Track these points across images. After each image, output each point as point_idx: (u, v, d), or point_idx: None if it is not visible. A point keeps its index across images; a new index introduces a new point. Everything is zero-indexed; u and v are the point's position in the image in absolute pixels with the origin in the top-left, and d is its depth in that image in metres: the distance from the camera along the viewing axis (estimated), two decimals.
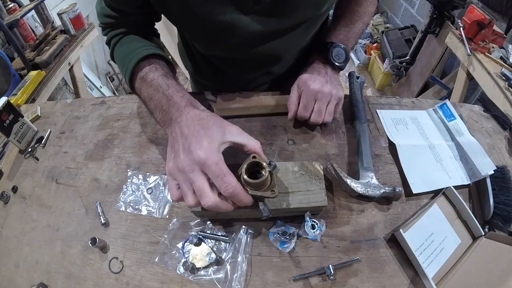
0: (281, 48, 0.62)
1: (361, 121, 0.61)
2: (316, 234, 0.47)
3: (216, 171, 0.37)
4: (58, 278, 0.48)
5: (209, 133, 0.40)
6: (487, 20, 1.20)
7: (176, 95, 0.46)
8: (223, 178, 0.37)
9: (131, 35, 0.57)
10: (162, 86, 0.48)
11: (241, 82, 0.74)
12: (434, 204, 0.51)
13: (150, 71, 0.50)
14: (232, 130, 0.42)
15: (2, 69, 1.06)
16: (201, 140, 0.39)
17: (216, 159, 0.38)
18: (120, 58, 0.56)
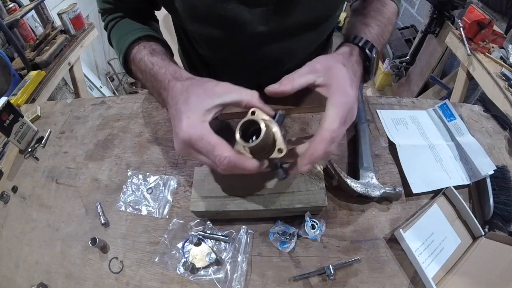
0: (285, 52, 0.59)
1: (361, 121, 0.61)
2: (316, 234, 0.47)
3: (204, 146, 0.35)
4: (58, 278, 0.48)
5: (188, 107, 0.37)
6: (487, 20, 1.19)
7: (159, 73, 0.43)
8: (213, 152, 0.34)
9: (127, 18, 0.55)
10: (148, 66, 0.45)
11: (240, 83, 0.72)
12: (434, 204, 0.51)
13: (137, 52, 0.48)
14: (217, 90, 0.37)
15: (2, 69, 1.06)
16: (182, 117, 0.36)
17: (199, 134, 0.35)
18: (116, 41, 0.54)
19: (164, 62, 0.45)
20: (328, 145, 0.35)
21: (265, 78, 0.66)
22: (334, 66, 0.40)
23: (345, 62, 0.42)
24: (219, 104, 0.37)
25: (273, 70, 0.65)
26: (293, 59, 0.63)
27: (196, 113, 0.36)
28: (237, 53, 0.60)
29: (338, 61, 0.41)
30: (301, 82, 0.39)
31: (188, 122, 0.36)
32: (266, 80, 0.67)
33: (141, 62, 0.47)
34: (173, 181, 0.56)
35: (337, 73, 0.40)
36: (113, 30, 0.56)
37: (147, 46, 0.48)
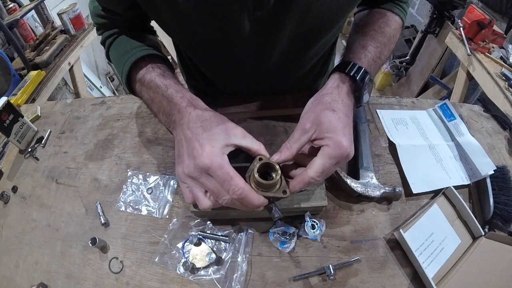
0: (284, 63, 0.57)
1: (361, 121, 0.61)
2: (316, 234, 0.47)
3: (222, 175, 0.37)
4: (58, 278, 0.48)
5: (212, 136, 0.39)
6: (487, 20, 1.20)
7: (176, 96, 0.45)
8: (230, 181, 0.36)
9: (124, 35, 0.54)
10: (160, 87, 0.46)
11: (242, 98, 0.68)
12: (434, 204, 0.51)
13: (146, 73, 0.49)
14: (236, 133, 0.41)
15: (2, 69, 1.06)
16: (204, 144, 0.38)
17: (220, 163, 0.37)
18: (115, 60, 0.55)
19: (179, 87, 0.46)
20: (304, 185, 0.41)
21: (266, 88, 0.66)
22: (324, 118, 0.41)
23: (334, 104, 0.43)
24: (236, 144, 0.40)
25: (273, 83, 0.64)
26: (293, 70, 0.62)
27: (219, 144, 0.38)
28: (233, 65, 0.58)
29: (326, 108, 0.42)
30: (298, 146, 0.42)
31: (212, 150, 0.37)
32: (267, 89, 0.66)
33: (151, 83, 0.47)
34: (173, 181, 0.56)
35: (329, 125, 0.41)
36: (111, 47, 0.55)
37: (155, 68, 0.49)
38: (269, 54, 0.53)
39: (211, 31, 0.47)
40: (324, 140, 0.41)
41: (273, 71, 0.59)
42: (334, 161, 0.40)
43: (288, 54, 0.54)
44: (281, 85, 0.66)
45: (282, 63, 0.57)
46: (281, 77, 0.62)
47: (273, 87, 0.67)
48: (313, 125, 0.42)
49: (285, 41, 0.50)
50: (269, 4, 0.42)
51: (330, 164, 0.40)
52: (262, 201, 0.39)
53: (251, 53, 0.53)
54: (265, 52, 0.53)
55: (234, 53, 0.53)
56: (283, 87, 0.67)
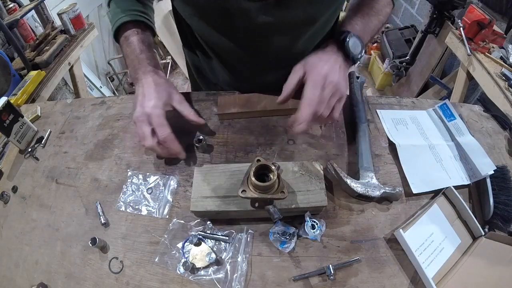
0: (286, 47, 0.61)
1: (361, 121, 0.61)
2: (316, 234, 0.47)
3: (157, 122, 0.51)
4: (58, 278, 0.48)
5: (158, 95, 0.53)
6: (487, 20, 1.20)
7: (145, 61, 0.56)
8: (160, 127, 0.51)
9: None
10: (136, 49, 0.57)
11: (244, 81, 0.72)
12: (434, 204, 0.51)
13: (131, 34, 0.59)
14: (176, 98, 0.56)
15: (2, 69, 1.06)
16: (151, 98, 0.53)
17: (158, 113, 0.51)
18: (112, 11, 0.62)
19: (151, 54, 0.59)
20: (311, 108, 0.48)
21: (269, 76, 0.68)
22: (307, 60, 0.53)
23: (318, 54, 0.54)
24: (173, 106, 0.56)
25: (276, 66, 0.66)
26: (294, 54, 0.63)
27: (162, 101, 0.53)
28: (238, 48, 0.62)
29: (311, 56, 0.54)
30: (291, 84, 0.53)
31: (155, 103, 0.52)
32: (269, 78, 0.68)
33: (132, 44, 0.58)
34: (173, 181, 0.56)
35: (309, 61, 0.53)
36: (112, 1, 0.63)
37: (140, 33, 0.59)
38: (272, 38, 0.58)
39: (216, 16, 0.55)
40: (307, 73, 0.51)
41: (274, 52, 0.62)
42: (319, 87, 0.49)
43: (291, 39, 0.60)
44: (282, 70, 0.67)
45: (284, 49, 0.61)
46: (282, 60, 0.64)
47: (274, 74, 0.68)
48: (301, 66, 0.53)
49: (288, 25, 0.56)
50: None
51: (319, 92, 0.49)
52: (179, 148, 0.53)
53: (255, 38, 0.58)
54: (268, 36, 0.58)
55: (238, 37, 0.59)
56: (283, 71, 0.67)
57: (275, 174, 0.42)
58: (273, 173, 0.42)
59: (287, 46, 0.61)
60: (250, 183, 0.42)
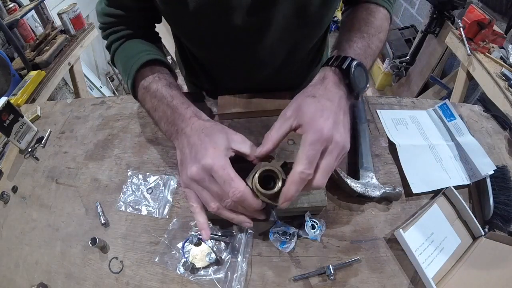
0: (276, 51, 0.58)
1: (361, 121, 0.61)
2: (316, 234, 0.47)
3: (223, 176, 0.37)
4: (58, 278, 0.48)
5: (213, 139, 0.40)
6: (487, 20, 1.20)
7: (181, 107, 0.46)
8: (230, 183, 0.37)
9: (132, 40, 0.56)
10: (166, 97, 0.47)
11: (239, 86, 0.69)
12: (434, 204, 0.51)
13: (153, 81, 0.50)
14: (236, 139, 0.42)
15: (2, 69, 1.06)
16: (207, 146, 0.39)
17: (223, 164, 0.38)
18: (122, 63, 0.55)
19: (184, 99, 0.48)
20: (298, 185, 0.37)
21: (260, 79, 0.66)
22: (302, 104, 0.41)
23: (315, 92, 0.42)
24: (235, 149, 0.42)
25: (267, 72, 0.64)
26: (286, 60, 0.62)
27: (221, 147, 0.40)
28: (230, 53, 0.59)
29: (307, 96, 0.42)
30: (279, 135, 0.41)
31: (214, 151, 0.39)
32: (261, 81, 0.67)
33: (157, 92, 0.49)
34: (173, 181, 0.56)
35: (306, 110, 0.40)
36: (118, 51, 0.57)
37: (162, 78, 0.50)
38: (265, 34, 0.54)
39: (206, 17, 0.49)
40: (302, 128, 0.39)
41: (268, 56, 0.59)
42: (318, 147, 0.37)
43: (283, 34, 0.55)
44: (276, 75, 0.67)
45: (277, 46, 0.57)
46: (276, 64, 0.63)
47: (269, 78, 0.67)
48: (293, 113, 0.41)
49: (280, 19, 0.51)
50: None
51: (314, 151, 0.37)
52: (261, 204, 0.39)
53: (247, 31, 0.52)
54: (261, 31, 0.53)
55: (230, 31, 0.53)
56: (278, 77, 0.67)
57: (280, 182, 0.38)
58: (279, 180, 0.38)
59: (276, 49, 0.58)
60: (255, 188, 0.38)
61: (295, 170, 0.37)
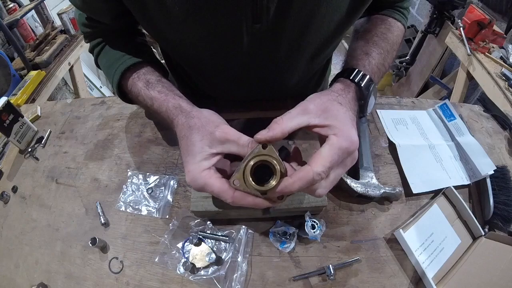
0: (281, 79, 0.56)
1: (361, 121, 0.61)
2: (316, 234, 0.47)
3: (210, 191, 0.37)
4: (58, 278, 0.48)
5: (191, 151, 0.38)
6: (487, 20, 1.20)
7: (161, 111, 0.44)
8: (219, 195, 0.36)
9: (110, 44, 0.53)
10: (147, 102, 0.46)
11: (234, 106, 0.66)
12: (434, 204, 0.51)
13: (133, 86, 0.48)
14: (218, 135, 0.38)
15: (2, 69, 1.06)
16: (187, 160, 0.38)
17: (201, 184, 0.37)
18: (105, 70, 0.54)
19: (162, 96, 0.45)
20: (306, 184, 0.34)
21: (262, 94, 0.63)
22: (331, 107, 0.38)
23: (342, 100, 0.40)
24: (218, 153, 0.38)
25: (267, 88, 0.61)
26: (290, 80, 0.59)
27: (196, 163, 0.37)
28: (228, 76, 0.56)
29: (334, 100, 0.39)
30: (292, 125, 0.36)
31: (190, 173, 0.37)
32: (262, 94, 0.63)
33: (139, 97, 0.47)
34: (173, 181, 0.56)
35: (336, 113, 0.37)
36: (99, 57, 0.54)
37: (141, 77, 0.48)
38: (266, 67, 0.52)
39: (207, 42, 0.45)
40: (330, 129, 0.35)
41: (270, 82, 0.58)
42: (342, 155, 0.35)
43: (286, 66, 0.53)
44: (279, 94, 0.65)
45: (280, 75, 0.55)
46: (278, 87, 0.61)
47: (270, 95, 0.65)
48: (318, 110, 0.37)
49: (283, 54, 0.49)
50: (269, 17, 0.41)
51: (339, 158, 0.34)
52: (259, 202, 0.37)
53: (248, 65, 0.51)
54: (262, 65, 0.51)
55: (230, 65, 0.52)
56: (280, 95, 0.65)
57: (277, 177, 0.34)
58: (276, 176, 0.34)
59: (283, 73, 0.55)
60: (246, 180, 0.35)
61: (313, 168, 0.33)
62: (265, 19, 0.41)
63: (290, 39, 0.45)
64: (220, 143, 0.38)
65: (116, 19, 0.49)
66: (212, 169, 0.38)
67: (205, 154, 0.37)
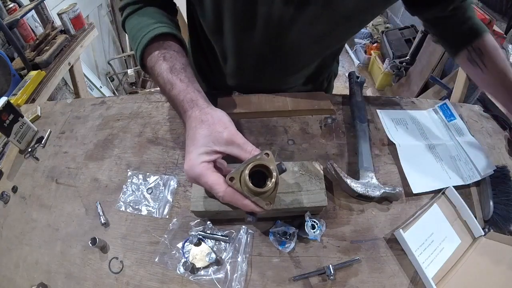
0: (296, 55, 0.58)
1: (361, 121, 0.61)
2: (316, 234, 0.47)
3: (203, 184, 0.39)
4: (58, 278, 0.48)
5: (193, 146, 0.40)
6: (487, 20, 1.20)
7: (177, 99, 0.45)
8: (211, 189, 0.38)
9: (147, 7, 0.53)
10: (166, 85, 0.46)
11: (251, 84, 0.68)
12: (434, 204, 0.51)
13: (157, 63, 0.48)
14: (225, 137, 0.40)
15: (2, 69, 1.06)
16: (189, 152, 0.40)
17: (197, 173, 0.38)
18: (132, 33, 0.53)
19: (183, 86, 0.46)
20: None
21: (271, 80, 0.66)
22: None
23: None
24: (221, 152, 0.40)
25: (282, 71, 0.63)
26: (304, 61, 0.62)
27: (197, 154, 0.39)
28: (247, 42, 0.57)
29: None
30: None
31: (189, 161, 0.39)
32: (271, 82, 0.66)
33: (159, 77, 0.47)
34: (173, 181, 0.56)
35: None
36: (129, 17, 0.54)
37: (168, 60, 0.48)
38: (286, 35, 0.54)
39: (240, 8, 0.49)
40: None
41: (285, 57, 0.59)
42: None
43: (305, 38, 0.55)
44: (288, 79, 0.66)
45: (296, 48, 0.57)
46: (291, 67, 0.62)
47: (279, 79, 0.66)
48: None
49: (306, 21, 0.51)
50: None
51: None
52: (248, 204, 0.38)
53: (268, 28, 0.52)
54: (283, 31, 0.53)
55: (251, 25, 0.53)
56: (289, 81, 0.67)
57: (272, 182, 0.37)
58: (271, 181, 0.37)
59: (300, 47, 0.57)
60: (243, 178, 0.36)
61: None
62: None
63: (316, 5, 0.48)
64: (226, 143, 0.40)
65: None
66: (210, 163, 0.40)
67: (209, 149, 0.39)
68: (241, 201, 0.38)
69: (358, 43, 2.79)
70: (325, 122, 0.63)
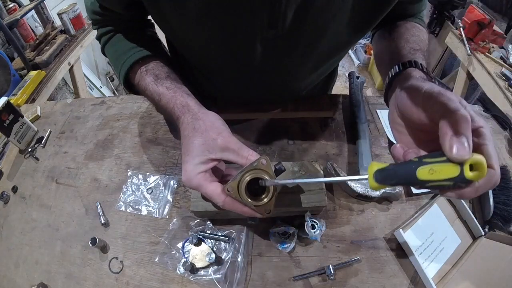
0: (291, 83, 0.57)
1: (361, 121, 0.61)
2: (316, 234, 0.47)
3: (204, 194, 0.39)
4: (58, 278, 0.48)
5: (188, 156, 0.39)
6: (487, 20, 1.20)
7: (167, 107, 0.45)
8: (211, 197, 0.38)
9: (119, 34, 0.53)
10: (155, 97, 0.47)
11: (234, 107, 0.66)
12: (434, 204, 0.51)
13: (140, 79, 0.48)
14: (220, 143, 0.39)
15: (2, 69, 1.06)
16: (185, 162, 0.40)
17: (195, 184, 0.38)
18: (112, 61, 0.54)
19: (170, 92, 0.45)
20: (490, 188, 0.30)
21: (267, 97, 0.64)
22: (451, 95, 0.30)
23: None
24: (216, 159, 0.39)
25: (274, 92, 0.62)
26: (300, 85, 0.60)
27: (193, 165, 0.39)
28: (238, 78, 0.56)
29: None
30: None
31: (186, 173, 0.39)
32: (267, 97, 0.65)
33: (146, 91, 0.48)
34: (173, 181, 0.56)
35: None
36: (107, 46, 0.54)
37: (150, 71, 0.48)
38: (277, 71, 0.53)
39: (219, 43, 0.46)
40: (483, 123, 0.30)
41: (278, 86, 0.58)
42: None
43: (296, 72, 0.54)
44: (284, 97, 0.66)
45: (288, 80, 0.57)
46: (285, 91, 0.62)
47: (275, 99, 0.66)
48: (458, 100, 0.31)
49: (295, 61, 0.50)
50: (285, 23, 0.41)
51: None
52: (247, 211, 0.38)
53: (257, 69, 0.51)
54: (272, 70, 0.52)
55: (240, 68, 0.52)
56: (285, 99, 0.67)
57: (268, 196, 0.37)
58: (267, 195, 0.37)
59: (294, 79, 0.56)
60: (240, 190, 0.37)
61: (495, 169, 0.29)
62: (281, 25, 0.41)
63: (303, 45, 0.46)
64: (221, 150, 0.39)
65: (128, 8, 0.49)
66: (208, 172, 0.39)
67: (204, 158, 0.39)
68: (241, 208, 0.38)
69: (358, 43, 2.79)
70: (325, 122, 0.63)
